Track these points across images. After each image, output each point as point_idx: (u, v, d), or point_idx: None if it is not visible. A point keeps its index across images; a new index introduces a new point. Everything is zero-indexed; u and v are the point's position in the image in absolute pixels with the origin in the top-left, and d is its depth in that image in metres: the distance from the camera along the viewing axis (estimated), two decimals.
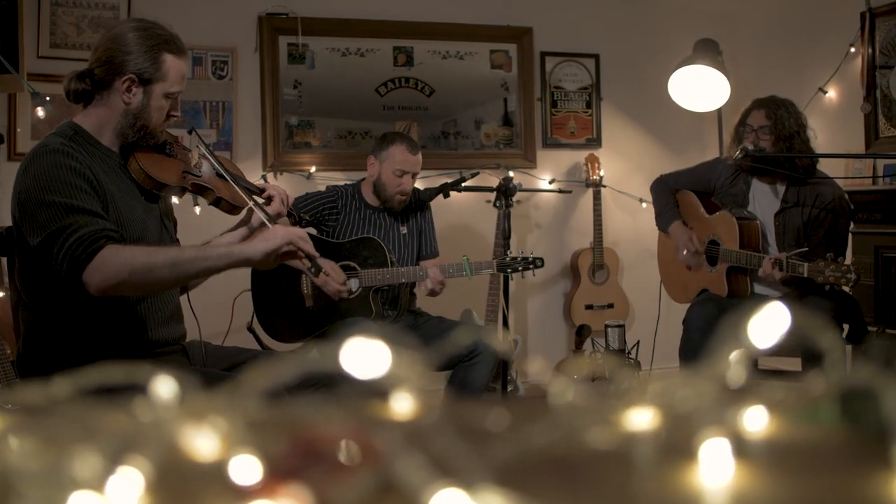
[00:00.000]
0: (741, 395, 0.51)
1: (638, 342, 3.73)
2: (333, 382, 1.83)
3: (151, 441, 0.39)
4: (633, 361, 3.50)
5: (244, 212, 2.24)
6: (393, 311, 3.10)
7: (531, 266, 3.02)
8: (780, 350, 2.99)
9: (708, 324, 3.02)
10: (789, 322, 0.48)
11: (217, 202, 2.11)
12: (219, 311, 3.36)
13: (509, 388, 3.51)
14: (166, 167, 2.05)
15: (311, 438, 0.40)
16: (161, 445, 0.39)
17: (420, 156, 3.22)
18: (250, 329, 3.16)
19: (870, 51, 3.86)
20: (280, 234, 1.84)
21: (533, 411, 0.55)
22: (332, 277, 2.87)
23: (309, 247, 1.87)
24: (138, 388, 0.43)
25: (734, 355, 0.48)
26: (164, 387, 0.42)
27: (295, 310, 3.09)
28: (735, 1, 4.60)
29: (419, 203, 3.31)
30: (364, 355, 0.42)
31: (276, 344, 3.23)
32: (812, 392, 0.50)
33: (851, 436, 0.48)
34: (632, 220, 4.58)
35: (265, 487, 0.37)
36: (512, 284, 4.27)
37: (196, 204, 3.66)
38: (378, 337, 0.48)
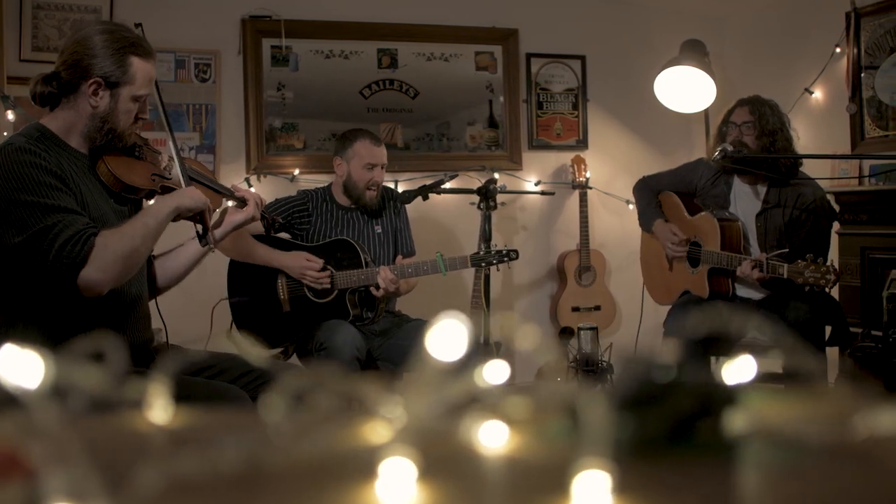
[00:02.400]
0: (483, 410, 0.50)
1: (611, 344, 3.71)
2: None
3: None
4: (605, 364, 3.46)
5: (217, 213, 2.24)
6: (371, 313, 3.08)
7: (505, 258, 2.98)
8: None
9: (688, 326, 3.00)
10: (467, 337, 0.47)
11: None
12: (200, 318, 3.35)
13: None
14: (135, 170, 2.04)
15: None
16: None
17: (384, 147, 3.23)
18: (230, 337, 3.15)
19: (855, 51, 3.84)
20: (202, 201, 2.03)
21: (239, 424, 0.54)
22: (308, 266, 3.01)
23: (209, 217, 2.07)
24: None
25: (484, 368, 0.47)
26: None
27: (272, 315, 3.08)
28: (721, 2, 4.59)
29: (391, 201, 3.30)
30: (18, 365, 0.41)
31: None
32: (548, 406, 0.49)
33: (569, 452, 0.46)
34: (618, 222, 4.56)
35: None
36: (498, 286, 4.26)
37: None
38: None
